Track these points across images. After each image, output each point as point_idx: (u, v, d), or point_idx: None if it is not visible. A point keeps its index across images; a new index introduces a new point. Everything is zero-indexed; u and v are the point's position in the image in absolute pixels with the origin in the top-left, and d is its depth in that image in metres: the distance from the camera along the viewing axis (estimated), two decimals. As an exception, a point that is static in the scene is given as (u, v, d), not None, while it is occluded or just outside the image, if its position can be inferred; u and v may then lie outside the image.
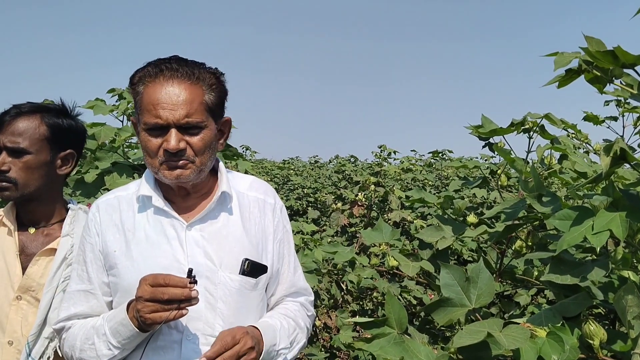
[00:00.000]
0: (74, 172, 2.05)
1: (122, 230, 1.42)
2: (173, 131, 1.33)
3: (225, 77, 1.45)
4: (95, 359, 1.36)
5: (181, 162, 1.36)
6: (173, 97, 1.33)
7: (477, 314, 1.41)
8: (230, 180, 1.51)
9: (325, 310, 3.79)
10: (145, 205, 1.44)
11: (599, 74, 1.26)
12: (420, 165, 7.61)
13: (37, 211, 1.68)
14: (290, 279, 1.56)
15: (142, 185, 1.46)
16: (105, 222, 1.45)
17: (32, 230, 1.68)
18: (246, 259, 1.40)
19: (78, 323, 1.42)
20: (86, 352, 1.37)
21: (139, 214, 1.44)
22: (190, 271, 1.25)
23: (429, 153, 6.42)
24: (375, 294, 3.98)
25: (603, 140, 2.75)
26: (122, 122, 2.60)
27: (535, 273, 2.04)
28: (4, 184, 1.60)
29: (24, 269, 1.62)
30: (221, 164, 1.54)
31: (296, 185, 9.61)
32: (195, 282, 1.25)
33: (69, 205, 1.73)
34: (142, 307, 1.25)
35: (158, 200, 1.42)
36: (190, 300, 1.24)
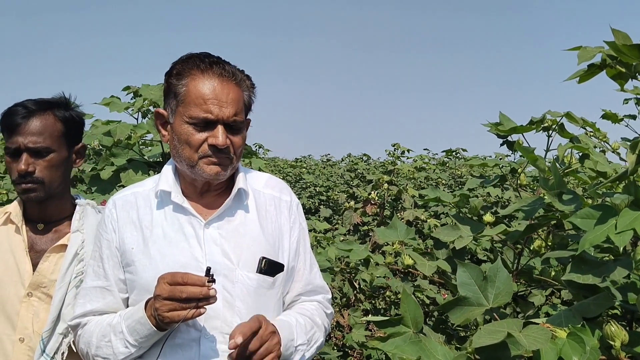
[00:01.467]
0: (89, 168, 2.06)
1: (140, 227, 1.42)
2: (221, 127, 1.35)
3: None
4: (111, 356, 1.35)
5: (224, 160, 1.38)
6: (224, 94, 1.36)
7: (494, 314, 1.39)
8: (247, 177, 1.51)
9: (338, 309, 3.78)
10: (163, 202, 1.44)
11: (622, 69, 1.23)
12: (434, 164, 7.57)
13: (51, 208, 1.68)
14: (307, 276, 1.54)
15: (161, 181, 1.45)
16: (123, 219, 1.44)
17: (41, 226, 1.68)
18: (263, 257, 1.40)
19: (94, 320, 1.42)
20: (102, 350, 1.36)
21: (157, 210, 1.43)
22: (208, 270, 1.25)
23: (443, 152, 6.38)
24: (387, 293, 3.96)
25: (621, 139, 2.70)
26: (136, 119, 2.60)
27: (553, 273, 2.01)
28: (31, 185, 1.60)
29: (34, 265, 1.61)
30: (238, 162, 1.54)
31: (308, 184, 9.61)
32: (214, 280, 1.24)
33: (77, 201, 1.73)
34: (160, 306, 1.24)
35: (177, 197, 1.42)
36: (209, 298, 1.24)
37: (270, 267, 1.41)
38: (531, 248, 1.92)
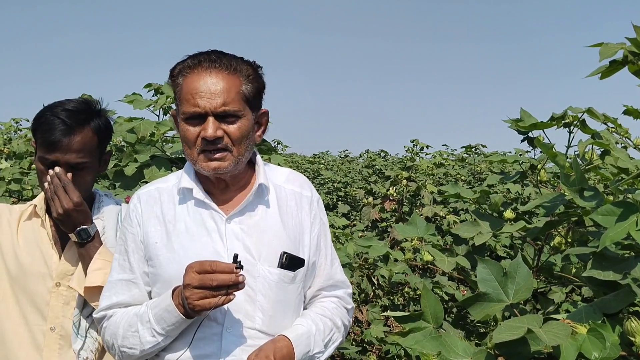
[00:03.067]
0: (112, 165, 2.09)
1: (163, 221, 1.45)
2: (210, 119, 1.36)
3: (263, 71, 1.47)
4: (138, 346, 1.37)
5: (219, 153, 1.38)
6: (211, 86, 1.36)
7: (514, 310, 1.40)
8: (267, 172, 1.52)
9: (356, 305, 3.79)
10: (185, 198, 1.46)
11: (645, 65, 1.23)
12: (453, 160, 7.54)
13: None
14: (327, 271, 1.56)
15: (182, 178, 1.48)
16: (147, 213, 1.47)
17: None
18: (284, 252, 1.41)
19: (120, 311, 1.45)
20: (129, 340, 1.39)
21: (180, 205, 1.46)
22: (235, 257, 1.27)
23: (462, 148, 6.36)
24: (406, 289, 3.96)
25: (644, 135, 2.67)
26: (158, 116, 2.64)
27: (573, 270, 2.00)
28: None
29: (60, 257, 1.66)
30: (258, 157, 1.55)
31: (326, 180, 9.63)
32: (242, 267, 1.26)
33: (94, 191, 1.77)
34: (191, 295, 1.26)
35: (199, 193, 1.44)
36: (238, 285, 1.26)
37: (291, 262, 1.42)
38: (551, 245, 1.91)
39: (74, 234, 1.62)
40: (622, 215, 1.23)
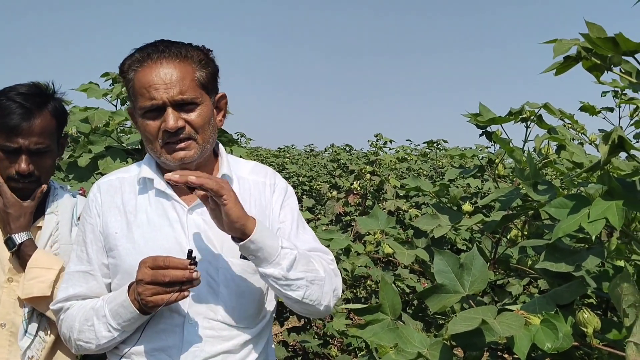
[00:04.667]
0: (67, 156, 2.04)
1: (124, 212, 1.42)
2: (169, 110, 1.34)
3: (214, 54, 1.45)
4: (94, 340, 1.36)
5: (183, 143, 1.36)
6: (164, 76, 1.33)
7: (470, 301, 1.41)
8: (232, 164, 1.51)
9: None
10: (146, 188, 1.44)
11: (597, 61, 1.25)
12: (415, 155, 7.61)
13: (29, 195, 1.67)
14: (290, 236, 1.48)
15: (143, 168, 1.45)
16: (107, 203, 1.44)
17: None
18: None
19: (77, 304, 1.42)
20: (85, 334, 1.37)
21: (141, 196, 1.43)
22: (190, 252, 1.25)
23: (424, 143, 6.42)
24: (368, 282, 3.99)
25: (599, 130, 2.74)
26: (115, 106, 2.58)
27: (529, 262, 2.04)
28: (29, 184, 1.60)
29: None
30: (222, 148, 1.53)
31: (291, 174, 9.61)
32: (196, 263, 1.25)
33: (50, 184, 1.73)
34: (143, 290, 1.25)
35: (160, 183, 1.42)
36: (192, 281, 1.24)
37: None
38: (508, 237, 1.94)
39: (4, 243, 1.58)
40: (574, 208, 1.25)
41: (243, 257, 1.38)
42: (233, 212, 1.25)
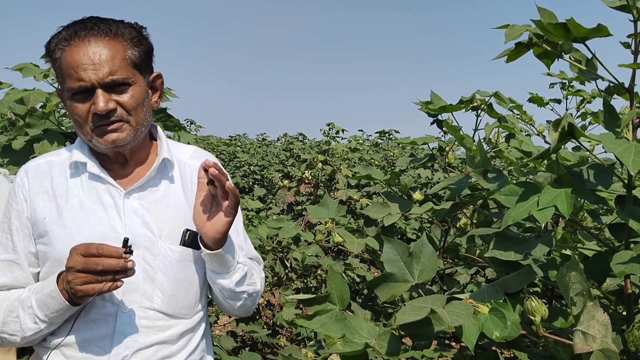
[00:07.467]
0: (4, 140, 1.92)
1: (54, 196, 1.33)
2: (99, 91, 1.25)
3: (148, 31, 1.37)
4: (19, 332, 1.27)
5: (114, 125, 1.27)
6: (92, 56, 1.24)
7: (420, 290, 1.40)
8: (172, 148, 1.44)
9: (269, 288, 3.76)
10: (79, 172, 1.35)
11: (548, 48, 1.24)
12: (367, 145, 7.63)
13: None
14: (241, 246, 1.49)
15: (74, 152, 1.36)
16: (35, 188, 1.34)
17: None
18: (187, 230, 1.34)
19: (1, 295, 1.33)
20: (9, 326, 1.28)
21: (72, 179, 1.34)
22: (126, 241, 1.18)
23: (376, 133, 6.44)
24: (319, 272, 3.97)
25: (546, 122, 2.79)
26: (56, 88, 2.45)
27: (478, 251, 2.05)
28: None
29: None
30: (160, 131, 1.46)
31: (243, 163, 9.51)
32: (131, 252, 1.18)
33: None
34: (74, 279, 1.16)
35: (93, 167, 1.33)
36: (126, 271, 1.17)
37: (194, 240, 1.35)
38: (457, 226, 1.94)
39: None
40: (523, 195, 1.24)
41: (183, 244, 1.33)
42: (229, 227, 1.28)
